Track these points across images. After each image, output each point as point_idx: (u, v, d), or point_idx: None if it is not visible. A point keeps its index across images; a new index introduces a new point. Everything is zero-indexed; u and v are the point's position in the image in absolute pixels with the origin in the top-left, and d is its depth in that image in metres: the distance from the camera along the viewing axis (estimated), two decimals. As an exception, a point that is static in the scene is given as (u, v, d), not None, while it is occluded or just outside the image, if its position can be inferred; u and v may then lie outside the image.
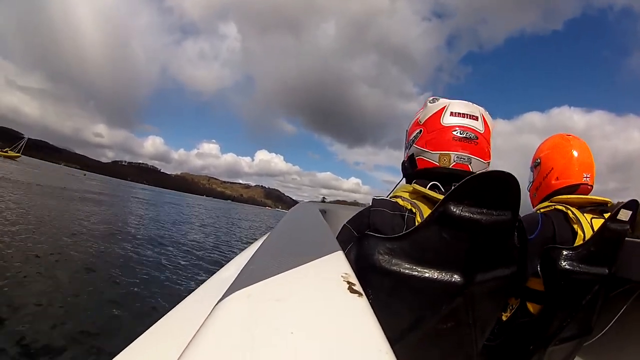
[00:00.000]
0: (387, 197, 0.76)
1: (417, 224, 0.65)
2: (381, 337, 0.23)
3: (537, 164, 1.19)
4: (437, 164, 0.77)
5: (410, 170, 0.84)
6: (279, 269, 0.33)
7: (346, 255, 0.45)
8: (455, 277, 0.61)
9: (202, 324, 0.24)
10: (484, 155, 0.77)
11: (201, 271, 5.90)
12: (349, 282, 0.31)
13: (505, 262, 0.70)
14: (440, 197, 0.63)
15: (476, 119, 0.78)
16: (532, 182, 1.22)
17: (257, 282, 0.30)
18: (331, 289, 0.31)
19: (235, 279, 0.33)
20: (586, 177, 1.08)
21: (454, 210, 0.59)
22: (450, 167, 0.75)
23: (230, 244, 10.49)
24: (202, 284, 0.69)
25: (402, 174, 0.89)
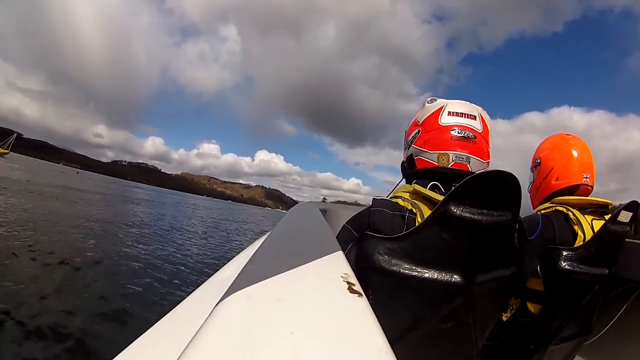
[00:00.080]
0: (387, 198, 0.76)
1: (417, 224, 0.64)
2: (381, 337, 0.23)
3: (536, 164, 1.19)
4: (436, 164, 0.77)
5: (409, 170, 0.84)
6: (278, 269, 0.33)
7: (346, 255, 0.45)
8: (455, 277, 0.61)
9: (202, 325, 0.24)
10: (483, 154, 0.77)
11: (201, 271, 5.90)
12: (348, 283, 0.31)
13: (505, 262, 0.70)
14: (440, 197, 0.63)
15: (474, 118, 0.77)
16: (532, 182, 1.22)
17: (257, 282, 0.30)
18: (331, 289, 0.31)
19: (235, 279, 0.33)
20: (586, 178, 1.08)
21: (455, 210, 0.58)
22: (449, 166, 0.75)
23: (230, 244, 10.50)
24: (201, 284, 0.69)
25: (402, 175, 0.89)
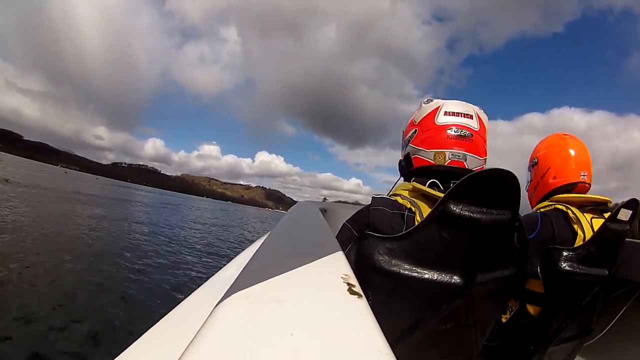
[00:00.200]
0: (387, 196, 0.76)
1: (416, 223, 0.64)
2: (381, 338, 0.23)
3: (534, 164, 1.19)
4: (433, 162, 0.77)
5: (406, 169, 0.85)
6: (278, 270, 0.33)
7: (346, 255, 0.44)
8: (455, 278, 0.61)
9: (202, 325, 0.24)
10: (480, 152, 0.78)
11: (201, 271, 5.89)
12: (348, 284, 0.31)
13: (505, 262, 0.69)
14: (440, 195, 0.63)
15: (470, 117, 0.78)
16: (530, 181, 1.22)
17: (256, 283, 0.30)
18: (331, 290, 0.31)
19: (235, 280, 0.33)
20: (583, 175, 1.08)
21: (454, 209, 0.58)
22: (445, 164, 0.76)
23: (230, 245, 10.48)
24: (201, 285, 0.69)
25: (399, 173, 0.90)
